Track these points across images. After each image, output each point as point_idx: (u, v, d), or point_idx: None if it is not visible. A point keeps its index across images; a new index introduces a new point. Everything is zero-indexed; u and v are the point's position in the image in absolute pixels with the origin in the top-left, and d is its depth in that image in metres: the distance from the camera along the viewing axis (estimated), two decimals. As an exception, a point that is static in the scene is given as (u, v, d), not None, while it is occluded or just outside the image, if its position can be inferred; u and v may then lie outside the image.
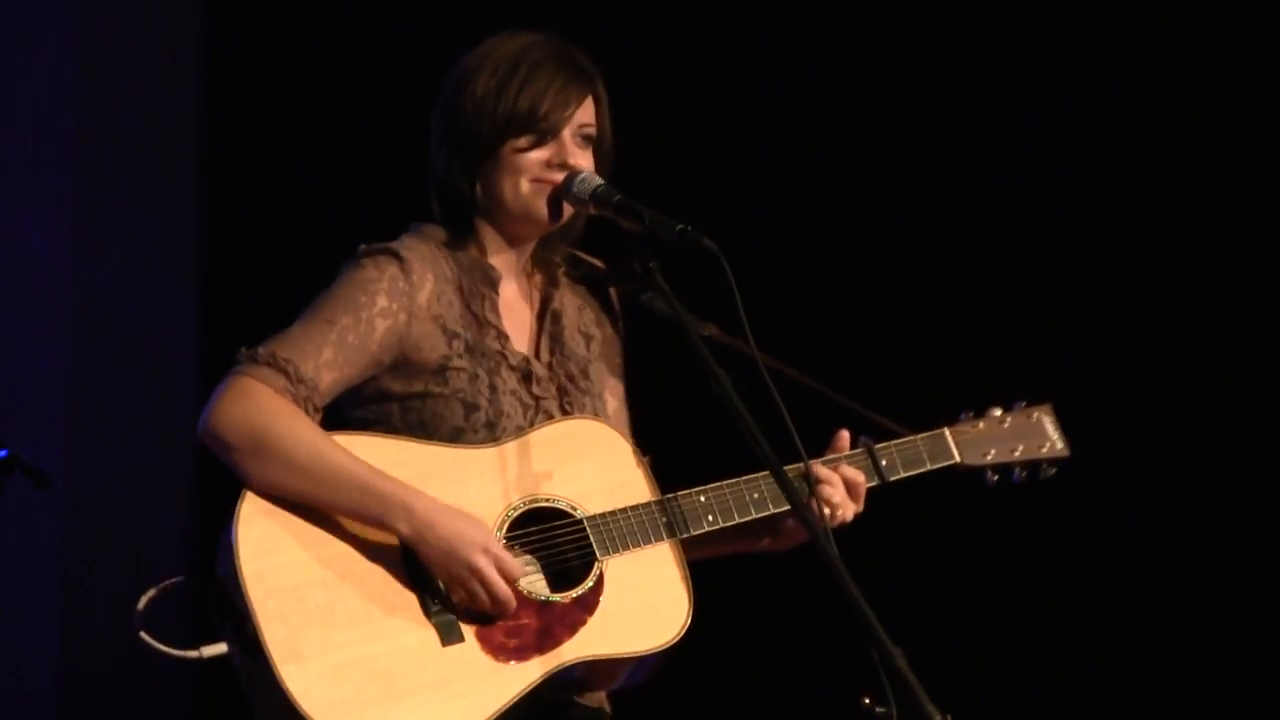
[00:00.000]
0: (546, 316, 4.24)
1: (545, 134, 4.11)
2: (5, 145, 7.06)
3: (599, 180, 4.09)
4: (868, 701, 3.56)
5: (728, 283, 3.80)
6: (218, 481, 4.00)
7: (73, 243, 7.05)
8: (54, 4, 7.08)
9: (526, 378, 4.15)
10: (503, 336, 4.15)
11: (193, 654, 3.84)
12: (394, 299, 4.04)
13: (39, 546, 6.97)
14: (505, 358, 4.14)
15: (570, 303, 4.30)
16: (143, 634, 3.84)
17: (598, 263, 4.35)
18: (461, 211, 4.17)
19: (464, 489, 3.96)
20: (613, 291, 4.37)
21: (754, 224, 6.48)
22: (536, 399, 4.14)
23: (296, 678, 3.75)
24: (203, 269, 7.15)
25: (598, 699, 4.12)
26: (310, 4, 7.03)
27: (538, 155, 4.12)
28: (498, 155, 4.12)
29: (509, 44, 4.19)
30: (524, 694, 3.87)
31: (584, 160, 4.15)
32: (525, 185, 4.12)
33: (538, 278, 4.28)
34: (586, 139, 4.16)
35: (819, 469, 4.14)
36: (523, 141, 4.11)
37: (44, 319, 7.04)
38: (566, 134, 4.13)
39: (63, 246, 7.05)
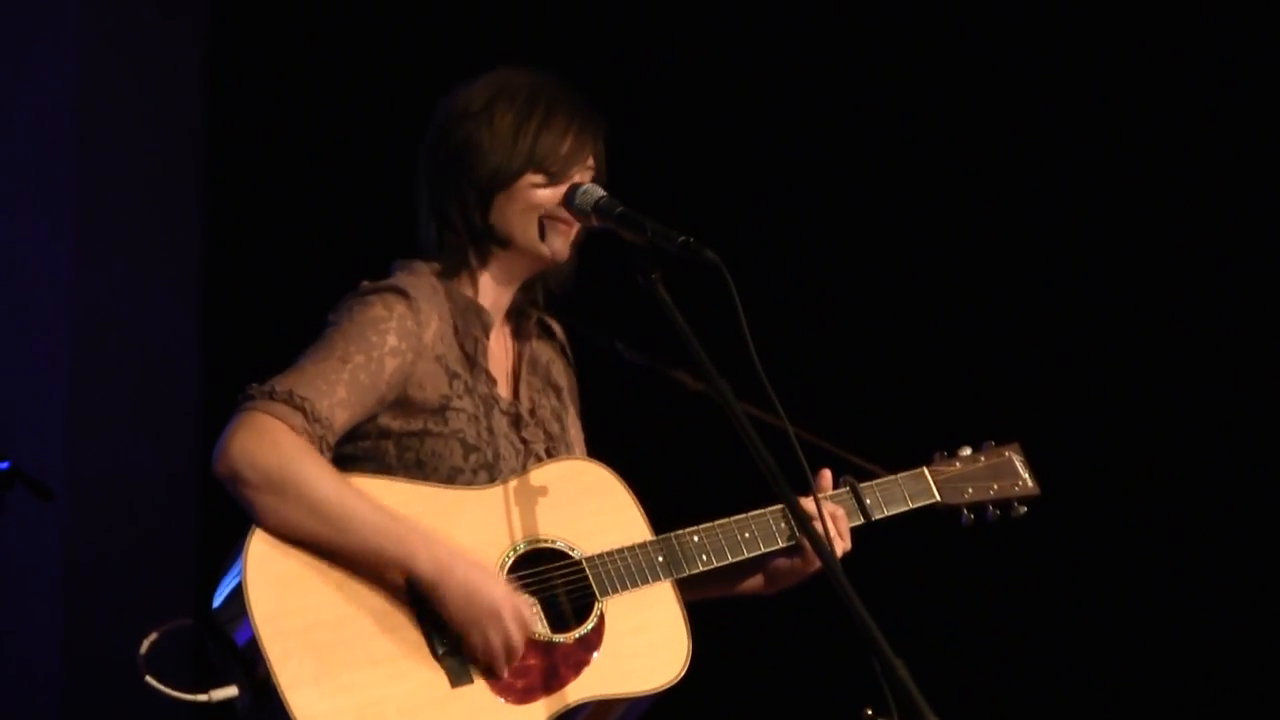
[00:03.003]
0: (523, 365, 4.28)
1: (560, 174, 4.16)
2: (6, 155, 7.00)
3: (601, 192, 4.13)
4: (870, 713, 3.61)
5: (730, 294, 3.81)
6: (220, 493, 3.97)
7: (74, 254, 6.98)
8: (54, 12, 7.04)
9: (516, 422, 4.19)
10: (491, 380, 4.18)
11: (201, 697, 3.82)
12: (403, 338, 4.04)
13: (40, 559, 6.89)
14: (497, 401, 4.17)
15: (541, 353, 4.34)
16: (149, 678, 3.82)
17: (558, 324, 4.40)
18: (465, 246, 4.18)
19: (464, 530, 3.98)
20: (567, 346, 4.42)
21: (751, 236, 6.54)
22: (526, 443, 4.18)
23: None
24: (205, 280, 7.10)
25: None
26: (314, 12, 7.00)
27: (551, 193, 4.16)
28: (512, 189, 4.15)
29: (516, 80, 4.22)
30: None
31: None
32: (537, 221, 4.17)
33: (510, 326, 4.31)
34: (588, 181, 4.20)
35: (807, 505, 4.11)
36: (539, 178, 4.15)
37: (45, 330, 6.95)
38: (577, 175, 4.19)
39: (64, 258, 6.98)
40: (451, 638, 3.93)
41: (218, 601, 3.90)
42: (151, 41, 7.20)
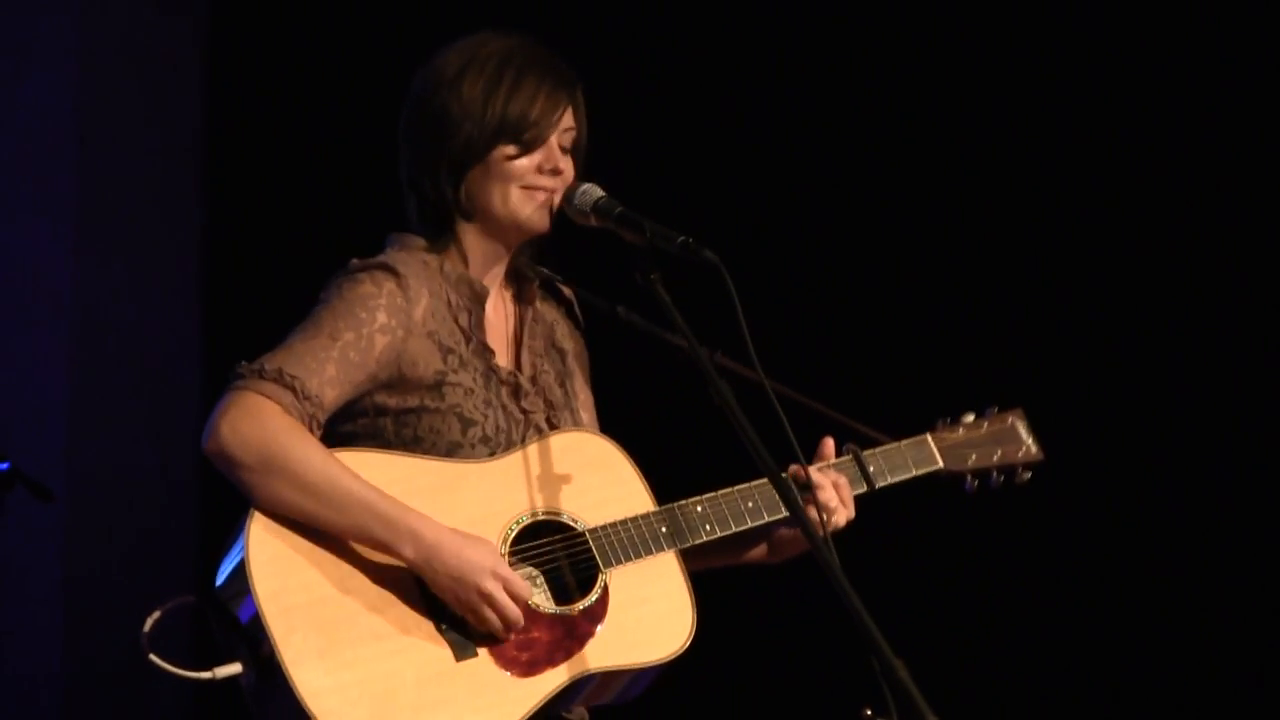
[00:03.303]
0: (525, 331, 4.24)
1: (534, 141, 4.11)
2: (6, 154, 7.01)
3: (600, 192, 4.09)
4: (869, 713, 3.57)
5: (729, 293, 3.80)
6: (220, 493, 3.98)
7: (74, 254, 6.99)
8: (55, 12, 7.05)
9: (515, 392, 4.15)
10: (489, 351, 4.14)
11: (206, 675, 3.80)
12: (393, 315, 4.02)
13: (40, 560, 6.89)
14: (495, 372, 4.13)
15: (544, 317, 4.30)
16: (152, 656, 3.79)
17: (565, 286, 4.36)
18: (443, 219, 4.14)
19: (465, 504, 3.96)
20: (577, 306, 4.37)
21: (748, 235, 6.52)
22: (526, 413, 4.15)
23: (317, 696, 3.74)
24: (204, 279, 7.10)
25: (579, 712, 4.12)
26: (314, 11, 7.02)
27: (527, 162, 4.10)
28: (486, 162, 4.10)
29: (489, 46, 4.16)
30: (539, 707, 3.88)
31: (567, 165, 4.15)
32: (515, 192, 4.11)
33: (512, 290, 4.26)
34: (567, 143, 4.15)
35: (811, 474, 4.15)
36: (511, 149, 4.10)
37: (45, 330, 6.96)
38: (553, 140, 4.13)
39: (64, 258, 6.99)
40: (454, 612, 3.92)
41: (220, 579, 3.89)
42: (151, 42, 7.20)
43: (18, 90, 7.01)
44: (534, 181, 4.13)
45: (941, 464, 4.48)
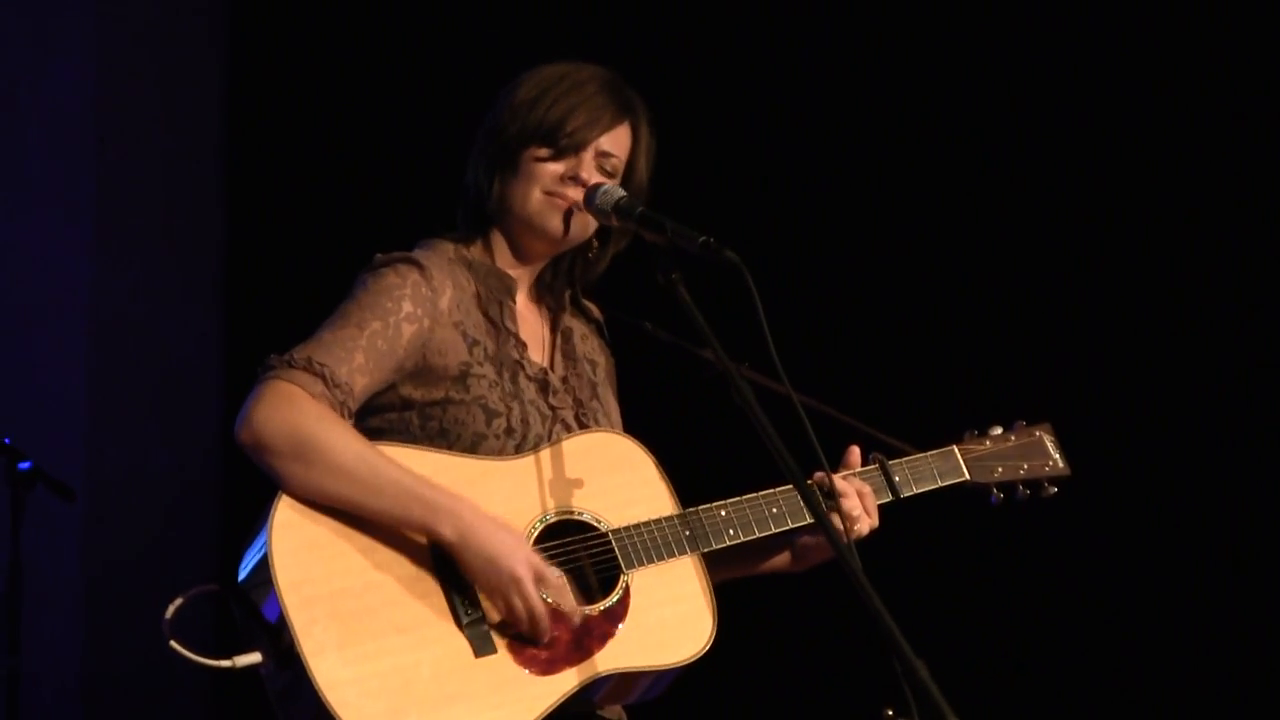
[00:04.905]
0: (558, 334, 4.29)
1: (567, 149, 4.14)
2: (26, 155, 7.05)
3: (622, 192, 4.10)
4: (890, 713, 3.58)
5: (750, 294, 3.80)
6: (240, 491, 4.01)
7: (93, 255, 7.04)
8: (73, 16, 7.09)
9: (544, 388, 4.18)
10: (520, 345, 4.18)
11: (225, 663, 3.81)
12: (418, 304, 4.05)
13: (61, 558, 6.93)
14: (523, 366, 4.16)
15: (576, 329, 4.34)
16: (173, 643, 3.80)
17: (593, 305, 4.40)
18: (478, 214, 4.20)
19: (489, 501, 3.96)
20: (604, 328, 4.41)
21: (772, 236, 6.54)
22: (554, 409, 4.18)
23: (334, 688, 3.75)
24: (224, 279, 7.13)
25: (615, 711, 4.16)
26: (332, 15, 7.06)
27: (554, 167, 4.14)
28: (518, 160, 4.15)
29: (562, 66, 4.22)
30: (557, 705, 3.88)
31: (596, 180, 4.15)
32: (537, 194, 4.14)
33: (547, 299, 4.31)
34: (608, 167, 4.18)
35: (836, 482, 4.18)
36: (543, 151, 4.14)
37: (65, 331, 7.01)
38: (588, 154, 4.15)
39: (83, 259, 7.03)
40: (476, 605, 3.92)
41: (244, 569, 3.90)
42: (171, 42, 7.26)
43: (37, 91, 7.06)
44: (556, 188, 4.16)
45: (968, 476, 4.50)
